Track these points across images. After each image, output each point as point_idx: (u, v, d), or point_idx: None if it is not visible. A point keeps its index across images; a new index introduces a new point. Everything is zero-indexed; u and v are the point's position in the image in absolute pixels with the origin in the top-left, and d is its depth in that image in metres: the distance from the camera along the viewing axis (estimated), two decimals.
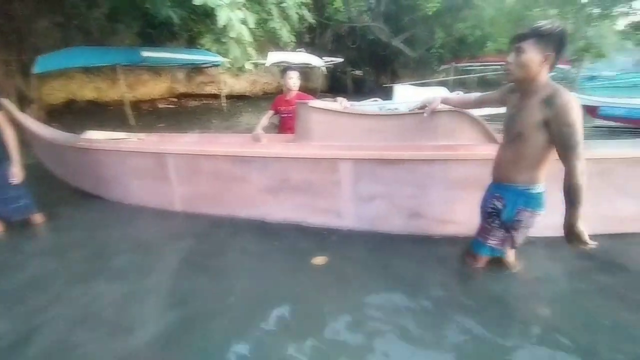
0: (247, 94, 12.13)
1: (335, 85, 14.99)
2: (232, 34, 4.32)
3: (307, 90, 4.64)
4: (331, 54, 11.35)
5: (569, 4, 9.46)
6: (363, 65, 16.39)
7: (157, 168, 2.62)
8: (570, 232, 1.38)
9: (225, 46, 4.67)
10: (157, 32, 7.55)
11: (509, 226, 1.55)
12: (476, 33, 11.42)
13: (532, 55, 1.35)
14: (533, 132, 1.39)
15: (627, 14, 10.50)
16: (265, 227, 2.42)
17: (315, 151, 2.20)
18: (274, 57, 8.13)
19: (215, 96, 10.09)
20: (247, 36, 4.48)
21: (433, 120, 1.99)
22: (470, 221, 1.75)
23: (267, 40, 8.19)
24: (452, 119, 2.02)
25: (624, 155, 1.89)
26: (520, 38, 1.37)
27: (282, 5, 6.04)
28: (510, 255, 1.75)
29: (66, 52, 6.01)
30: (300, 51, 9.47)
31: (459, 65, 12.48)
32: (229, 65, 6.87)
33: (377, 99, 9.05)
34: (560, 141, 1.33)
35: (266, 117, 3.26)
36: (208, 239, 2.33)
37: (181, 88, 10.54)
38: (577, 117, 1.28)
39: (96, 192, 3.09)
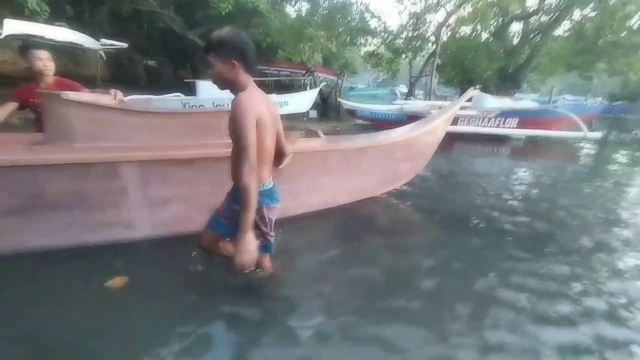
0: None
1: (122, 74, 12.60)
2: None
3: (81, 77, 3.68)
4: (111, 36, 9.34)
5: (330, 29, 12.17)
6: (157, 55, 14.63)
7: None
8: (239, 247, 1.34)
9: None
10: None
11: (258, 224, 1.49)
12: (268, 40, 12.61)
13: (219, 66, 1.33)
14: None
15: (364, 44, 14.74)
16: (21, 263, 1.78)
17: (83, 155, 1.81)
18: (14, 26, 5.78)
19: None
20: None
21: (215, 119, 2.07)
22: None
23: (5, 7, 5.79)
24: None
25: (356, 145, 2.71)
26: (205, 52, 1.35)
27: None
28: (265, 259, 1.71)
29: None
30: (61, 25, 7.26)
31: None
32: None
33: (179, 93, 8.41)
34: (233, 140, 1.35)
35: (3, 111, 2.37)
36: None
37: None
38: (239, 118, 1.27)
39: None
